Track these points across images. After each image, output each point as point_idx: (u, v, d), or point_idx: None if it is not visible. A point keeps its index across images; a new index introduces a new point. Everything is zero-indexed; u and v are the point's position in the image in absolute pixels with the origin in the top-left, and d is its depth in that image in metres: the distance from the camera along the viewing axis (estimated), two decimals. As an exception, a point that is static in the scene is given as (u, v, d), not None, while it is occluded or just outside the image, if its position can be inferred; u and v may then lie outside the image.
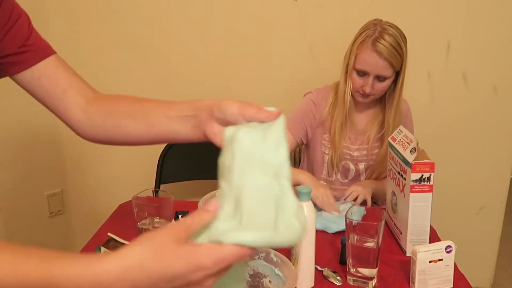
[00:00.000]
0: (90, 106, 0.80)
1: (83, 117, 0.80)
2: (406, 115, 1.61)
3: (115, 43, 2.12)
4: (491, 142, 2.05)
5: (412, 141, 1.19)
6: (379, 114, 1.58)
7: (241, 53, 2.07)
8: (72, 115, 0.80)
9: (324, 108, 1.57)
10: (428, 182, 1.14)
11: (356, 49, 1.45)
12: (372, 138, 1.57)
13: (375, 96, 1.51)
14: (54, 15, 2.10)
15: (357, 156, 1.58)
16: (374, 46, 1.40)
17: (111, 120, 0.77)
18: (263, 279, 0.94)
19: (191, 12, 2.05)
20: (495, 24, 1.93)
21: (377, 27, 1.43)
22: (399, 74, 1.48)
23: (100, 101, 0.81)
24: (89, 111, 0.79)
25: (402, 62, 1.45)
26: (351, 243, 1.06)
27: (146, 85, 2.15)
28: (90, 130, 0.80)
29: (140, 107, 0.75)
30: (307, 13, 1.98)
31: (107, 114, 0.78)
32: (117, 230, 1.25)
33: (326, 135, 1.59)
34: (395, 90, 1.50)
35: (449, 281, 1.07)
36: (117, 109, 0.78)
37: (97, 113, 0.79)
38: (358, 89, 1.48)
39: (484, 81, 1.99)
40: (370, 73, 1.44)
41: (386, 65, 1.42)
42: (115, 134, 0.77)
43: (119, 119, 0.76)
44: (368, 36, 1.42)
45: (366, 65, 1.44)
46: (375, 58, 1.41)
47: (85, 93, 0.82)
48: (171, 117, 0.70)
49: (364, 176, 1.61)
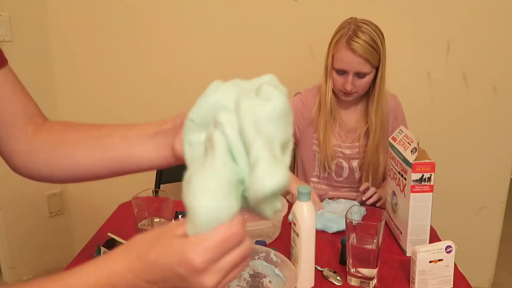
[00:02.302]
0: (36, 136, 0.64)
1: (26, 150, 0.63)
2: (396, 110, 1.62)
3: (115, 43, 2.12)
4: (491, 142, 2.05)
5: (413, 141, 1.19)
6: (366, 112, 1.60)
7: (241, 53, 2.07)
8: (16, 146, 0.64)
9: (312, 107, 1.59)
10: (429, 182, 1.14)
11: (332, 48, 1.49)
12: (362, 135, 1.59)
13: (358, 93, 1.53)
14: (54, 15, 2.10)
15: (349, 154, 1.60)
16: (349, 44, 1.43)
17: (58, 150, 0.63)
18: (263, 279, 0.94)
19: (191, 12, 2.05)
20: (495, 24, 1.93)
21: (351, 25, 1.46)
22: (378, 71, 1.50)
23: (48, 130, 0.65)
24: (34, 142, 0.63)
25: (379, 58, 1.47)
26: (351, 243, 1.06)
27: (146, 85, 2.15)
28: (32, 165, 0.64)
29: (95, 132, 0.63)
30: (307, 13, 1.98)
31: (54, 145, 0.63)
32: (117, 230, 1.25)
33: (316, 134, 1.60)
34: (375, 85, 1.52)
35: (449, 281, 1.07)
36: (68, 137, 0.63)
37: (43, 144, 0.63)
38: (340, 88, 1.51)
39: (484, 81, 1.99)
40: (349, 71, 1.47)
41: (362, 62, 1.44)
42: (61, 167, 0.63)
43: (68, 148, 0.62)
44: (343, 35, 1.45)
45: (343, 64, 1.46)
46: (351, 56, 1.44)
47: (36, 121, 0.66)
48: (130, 138, 0.58)
49: (358, 173, 1.62)
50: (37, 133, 0.64)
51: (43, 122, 0.67)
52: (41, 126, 0.65)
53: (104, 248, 1.10)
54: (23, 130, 0.63)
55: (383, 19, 1.51)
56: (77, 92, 2.20)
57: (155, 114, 2.18)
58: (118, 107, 2.18)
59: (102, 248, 1.11)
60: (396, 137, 1.30)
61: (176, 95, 2.14)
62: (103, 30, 2.11)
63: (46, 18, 2.09)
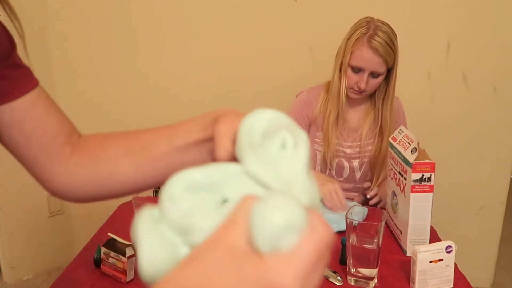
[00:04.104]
0: (74, 155, 0.60)
1: (66, 172, 0.60)
2: (398, 111, 1.63)
3: (115, 43, 2.12)
4: (491, 142, 2.05)
5: (413, 141, 1.19)
6: (370, 111, 1.60)
7: (241, 53, 2.07)
8: (55, 169, 0.60)
9: (315, 106, 1.60)
10: (429, 182, 1.14)
11: (351, 46, 1.48)
12: (365, 135, 1.59)
13: (368, 92, 1.54)
14: (54, 15, 2.10)
15: (350, 153, 1.60)
16: (370, 43, 1.44)
17: (101, 168, 0.59)
18: (264, 279, 0.94)
19: (191, 12, 2.05)
20: (495, 24, 1.93)
21: (370, 24, 1.47)
22: (391, 71, 1.52)
23: (84, 147, 0.61)
24: (73, 163, 0.60)
25: (394, 59, 1.49)
26: (351, 243, 1.06)
27: (146, 85, 2.15)
28: (75, 187, 0.60)
29: (136, 142, 0.58)
30: (307, 13, 1.98)
31: (95, 162, 0.59)
32: (117, 230, 1.25)
33: (319, 132, 1.60)
34: (389, 86, 1.54)
35: (449, 281, 1.07)
36: (107, 151, 0.59)
37: (83, 163, 0.59)
38: (353, 85, 1.51)
39: (484, 81, 1.99)
40: (366, 70, 1.47)
41: (381, 62, 1.46)
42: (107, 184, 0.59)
43: (112, 164, 0.58)
44: (363, 33, 1.46)
45: (362, 62, 1.47)
46: (371, 55, 1.44)
47: (73, 139, 0.61)
48: (179, 147, 0.54)
49: (359, 173, 1.62)
50: (75, 152, 0.60)
51: (78, 138, 0.62)
52: (77, 144, 0.61)
53: (104, 248, 1.10)
54: (61, 151, 0.60)
55: (383, 19, 1.51)
56: (77, 92, 2.20)
57: (155, 114, 2.19)
58: (118, 107, 2.18)
59: (102, 248, 1.11)
60: (396, 137, 1.30)
61: (176, 95, 2.14)
62: (103, 30, 2.11)
63: (46, 18, 2.09)
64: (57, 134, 0.60)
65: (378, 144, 1.59)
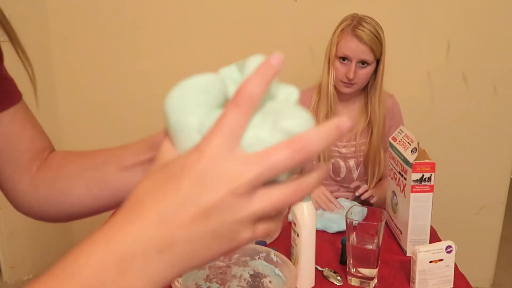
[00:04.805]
0: (38, 172, 0.58)
1: (29, 189, 0.57)
2: (393, 110, 1.63)
3: (115, 43, 2.12)
4: (491, 142, 2.05)
5: (413, 141, 1.19)
6: (363, 110, 1.60)
7: (241, 53, 2.04)
8: (19, 185, 0.58)
9: (309, 106, 1.60)
10: (429, 182, 1.14)
11: (336, 37, 1.51)
12: (359, 134, 1.59)
13: (358, 85, 1.54)
14: (54, 15, 2.10)
15: (345, 153, 1.60)
16: (354, 31, 1.47)
17: (58, 187, 0.56)
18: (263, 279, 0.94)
19: (191, 12, 2.05)
20: (495, 24, 1.93)
21: (355, 17, 1.50)
22: (379, 63, 1.53)
23: (49, 164, 0.58)
24: (36, 180, 0.57)
25: (381, 50, 1.50)
26: (351, 243, 1.06)
27: (146, 84, 2.15)
28: (35, 205, 0.58)
29: (90, 161, 0.54)
30: (307, 13, 1.98)
31: (54, 181, 0.56)
32: (117, 230, 1.25)
33: None
34: (377, 79, 1.55)
35: (449, 281, 1.07)
36: (67, 170, 0.56)
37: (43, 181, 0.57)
38: (342, 78, 1.52)
39: (484, 81, 1.99)
40: (353, 58, 1.48)
41: (367, 50, 1.47)
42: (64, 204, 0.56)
43: (68, 183, 0.55)
44: (348, 25, 1.49)
45: (347, 50, 1.48)
46: (356, 43, 1.47)
47: (43, 155, 0.59)
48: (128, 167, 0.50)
49: (356, 172, 1.62)
50: (41, 168, 0.58)
51: (47, 154, 0.59)
52: (45, 161, 0.59)
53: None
54: (28, 167, 0.57)
55: (383, 19, 1.51)
56: (77, 92, 2.20)
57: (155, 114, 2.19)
58: (118, 107, 2.19)
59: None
60: (396, 137, 1.30)
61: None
62: (103, 30, 2.11)
63: (46, 18, 2.09)
64: (26, 149, 0.58)
65: (368, 138, 1.59)
